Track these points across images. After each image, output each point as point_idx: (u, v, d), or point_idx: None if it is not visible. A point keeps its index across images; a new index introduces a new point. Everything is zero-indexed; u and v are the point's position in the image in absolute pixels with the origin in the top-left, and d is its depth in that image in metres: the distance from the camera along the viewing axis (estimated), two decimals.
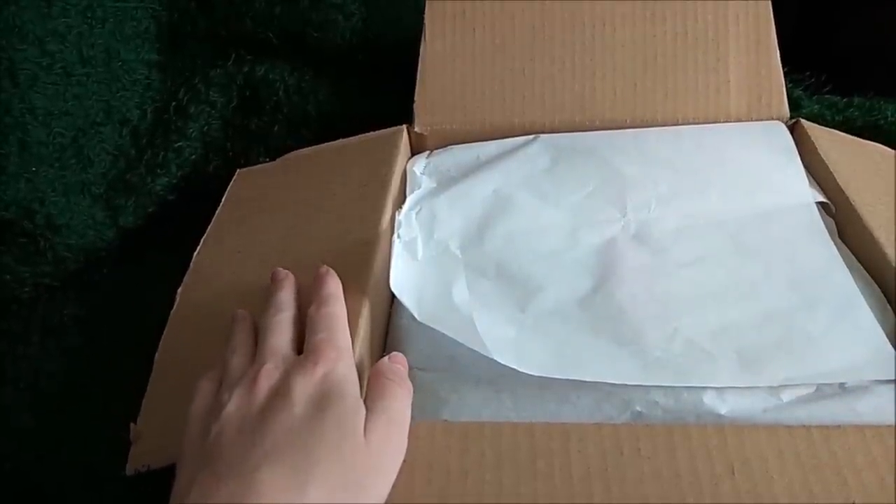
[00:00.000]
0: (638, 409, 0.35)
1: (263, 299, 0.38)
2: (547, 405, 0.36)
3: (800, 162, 0.47)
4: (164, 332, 0.42)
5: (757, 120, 0.50)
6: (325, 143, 0.54)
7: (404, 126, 0.51)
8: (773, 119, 0.50)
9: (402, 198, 0.48)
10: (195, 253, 0.47)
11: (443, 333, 0.38)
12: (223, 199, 0.52)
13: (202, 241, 0.48)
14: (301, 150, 0.55)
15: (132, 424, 0.37)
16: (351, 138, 0.53)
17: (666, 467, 0.29)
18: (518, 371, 0.36)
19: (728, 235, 0.44)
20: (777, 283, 0.41)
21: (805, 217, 0.45)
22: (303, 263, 0.39)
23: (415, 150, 0.53)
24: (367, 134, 0.52)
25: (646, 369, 0.36)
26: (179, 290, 0.44)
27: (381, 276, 0.41)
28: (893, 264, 0.40)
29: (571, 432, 0.31)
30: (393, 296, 0.41)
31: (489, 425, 0.31)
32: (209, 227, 0.49)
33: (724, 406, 0.35)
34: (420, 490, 0.29)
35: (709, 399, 0.35)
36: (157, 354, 0.41)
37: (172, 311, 0.43)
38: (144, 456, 0.36)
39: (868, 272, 0.42)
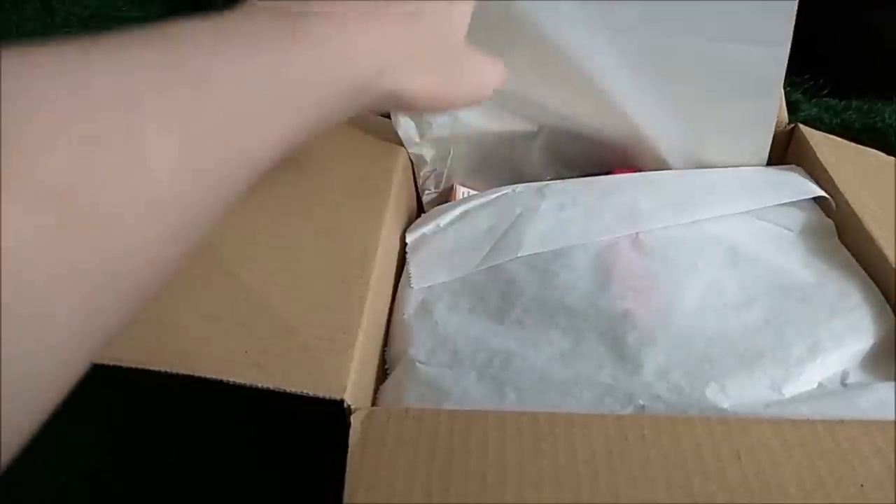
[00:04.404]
0: (641, 402, 0.35)
1: None
2: (549, 398, 0.36)
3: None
4: None
5: None
6: None
7: None
8: None
9: (403, 199, 0.48)
10: None
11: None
12: None
13: None
14: None
15: None
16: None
17: (672, 452, 0.29)
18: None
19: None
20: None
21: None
22: (303, 247, 0.40)
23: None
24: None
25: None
26: None
27: (384, 270, 0.41)
28: (893, 265, 0.40)
29: (575, 421, 0.30)
30: (394, 292, 0.41)
31: (493, 413, 0.31)
32: None
33: (727, 400, 0.35)
34: (422, 469, 0.29)
35: (711, 393, 0.35)
36: None
37: None
38: None
39: (867, 273, 0.42)
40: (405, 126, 0.49)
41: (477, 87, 0.30)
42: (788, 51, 0.44)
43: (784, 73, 0.45)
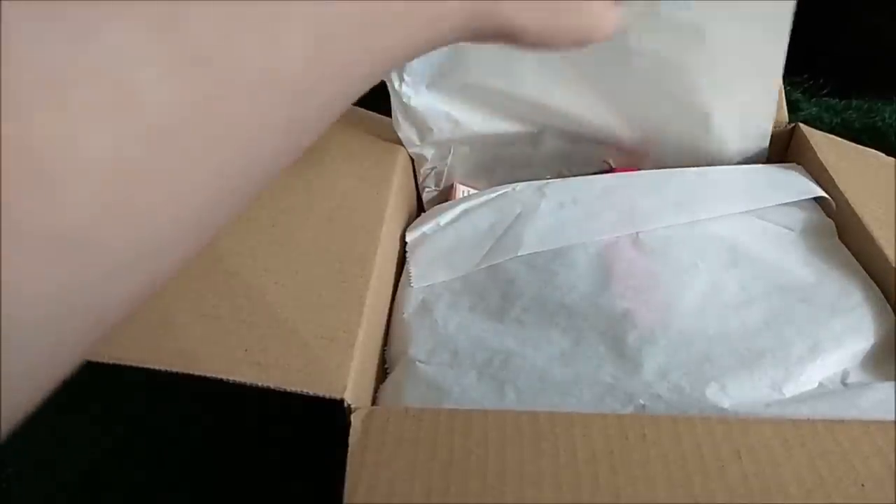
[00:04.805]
0: (641, 402, 0.35)
1: None
2: (549, 398, 0.36)
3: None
4: None
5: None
6: None
7: None
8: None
9: (403, 198, 0.48)
10: None
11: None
12: None
13: None
14: None
15: None
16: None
17: (672, 452, 0.29)
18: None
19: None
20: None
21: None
22: (303, 245, 0.40)
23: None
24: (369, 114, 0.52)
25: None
26: None
27: (384, 269, 0.41)
28: (893, 265, 0.40)
29: (575, 420, 0.30)
30: (394, 291, 0.41)
31: (493, 413, 0.31)
32: None
33: (727, 400, 0.35)
34: (422, 468, 0.29)
35: (711, 393, 0.35)
36: None
37: None
38: None
39: (867, 273, 0.42)
40: (405, 129, 0.49)
41: (587, 31, 0.29)
42: (790, 26, 0.43)
43: (785, 49, 0.45)
